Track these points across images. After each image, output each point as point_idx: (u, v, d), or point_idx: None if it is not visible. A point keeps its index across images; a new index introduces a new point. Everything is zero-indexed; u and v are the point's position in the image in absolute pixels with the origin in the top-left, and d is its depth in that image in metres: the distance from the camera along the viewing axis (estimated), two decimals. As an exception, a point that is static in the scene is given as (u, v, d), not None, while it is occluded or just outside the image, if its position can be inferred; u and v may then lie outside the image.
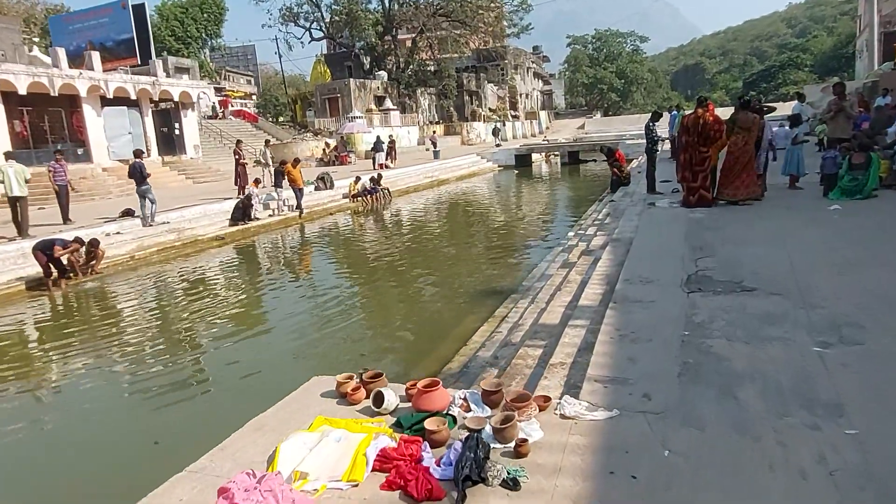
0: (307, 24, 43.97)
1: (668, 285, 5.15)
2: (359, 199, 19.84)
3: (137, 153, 13.90)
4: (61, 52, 20.86)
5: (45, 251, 9.84)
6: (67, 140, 21.97)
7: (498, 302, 7.59)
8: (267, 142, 21.55)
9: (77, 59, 25.77)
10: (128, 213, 13.19)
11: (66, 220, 13.07)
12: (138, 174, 12.85)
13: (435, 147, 34.50)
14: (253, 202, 15.65)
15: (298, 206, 16.86)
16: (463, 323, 7.04)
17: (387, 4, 44.11)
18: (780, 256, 5.90)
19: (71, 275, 10.51)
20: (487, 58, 55.04)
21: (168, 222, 13.48)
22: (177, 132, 26.36)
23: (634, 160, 27.40)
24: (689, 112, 9.97)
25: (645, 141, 12.02)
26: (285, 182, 16.14)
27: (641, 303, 4.76)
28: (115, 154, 23.15)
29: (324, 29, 44.77)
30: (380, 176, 21.04)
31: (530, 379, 4.00)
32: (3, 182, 11.72)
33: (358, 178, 20.26)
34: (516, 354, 4.41)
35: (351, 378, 3.67)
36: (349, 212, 19.21)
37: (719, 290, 4.94)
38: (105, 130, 22.78)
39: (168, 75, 43.05)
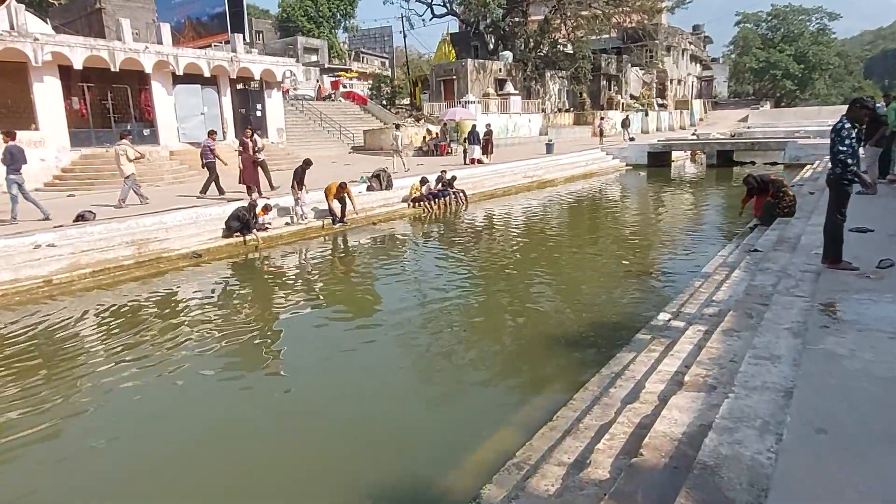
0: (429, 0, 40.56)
1: None
2: (421, 204, 15.92)
3: (8, 133, 11.08)
4: (125, 24, 19.13)
5: None
6: (133, 120, 20.42)
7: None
8: (397, 125, 18.38)
9: (176, 35, 24.59)
10: (81, 218, 10.38)
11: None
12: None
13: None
14: (270, 213, 12.34)
15: (338, 218, 13.49)
16: None
17: (517, -24, 39.28)
18: None
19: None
20: (633, 37, 47.77)
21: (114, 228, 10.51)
22: (258, 114, 24.15)
23: (808, 167, 20.44)
24: None
25: (830, 157, 5.63)
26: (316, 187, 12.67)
27: None
28: (185, 136, 21.46)
29: (446, 3, 41.03)
30: (453, 177, 16.90)
31: None
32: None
33: (424, 180, 16.33)
34: None
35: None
36: (408, 219, 15.38)
37: None
38: (176, 110, 21.04)
39: (296, 57, 42.16)
